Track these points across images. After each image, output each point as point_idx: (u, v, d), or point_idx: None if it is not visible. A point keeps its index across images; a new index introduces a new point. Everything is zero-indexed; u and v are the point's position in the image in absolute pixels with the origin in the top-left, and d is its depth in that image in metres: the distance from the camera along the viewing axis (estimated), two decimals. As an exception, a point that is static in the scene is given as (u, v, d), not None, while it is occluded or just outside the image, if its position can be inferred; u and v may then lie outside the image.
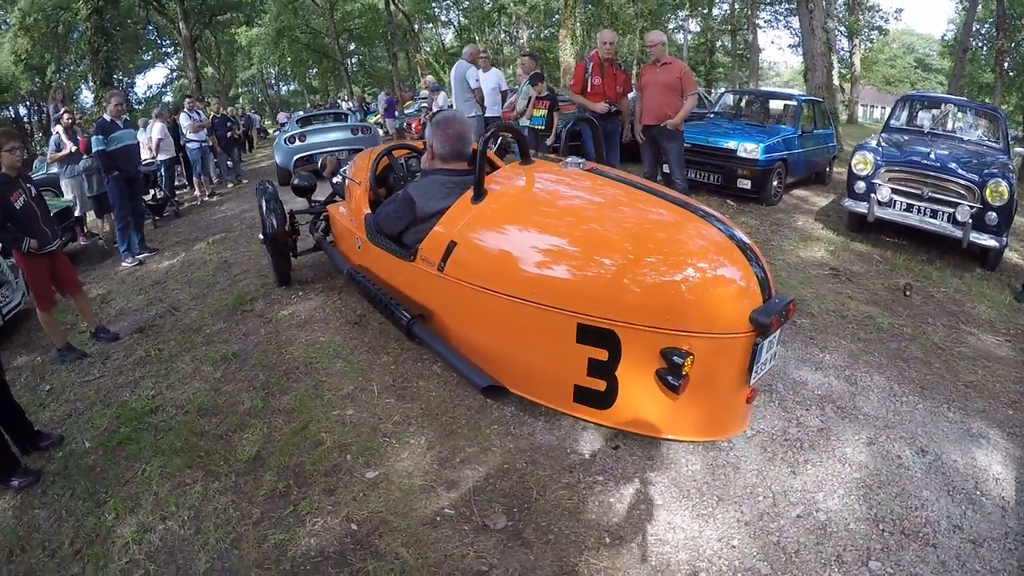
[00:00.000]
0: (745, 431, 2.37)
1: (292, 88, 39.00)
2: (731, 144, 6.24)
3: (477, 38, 28.18)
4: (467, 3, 28.78)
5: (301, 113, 13.48)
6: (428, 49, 31.08)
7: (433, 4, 29.58)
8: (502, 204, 2.42)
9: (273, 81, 39.22)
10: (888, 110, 7.21)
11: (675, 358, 1.88)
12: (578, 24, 21.59)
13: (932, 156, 4.71)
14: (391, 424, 2.60)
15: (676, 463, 2.27)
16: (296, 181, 4.21)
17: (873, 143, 5.32)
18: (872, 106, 36.12)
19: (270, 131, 24.83)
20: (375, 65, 34.03)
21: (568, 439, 2.42)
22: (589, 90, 5.60)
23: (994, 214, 4.33)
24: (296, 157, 8.60)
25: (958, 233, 4.46)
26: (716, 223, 2.13)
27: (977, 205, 4.39)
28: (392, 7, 26.19)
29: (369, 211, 3.13)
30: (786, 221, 6.02)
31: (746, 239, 2.11)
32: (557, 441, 2.41)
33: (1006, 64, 14.45)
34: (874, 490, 2.19)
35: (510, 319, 2.24)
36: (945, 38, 26.77)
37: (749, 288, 1.93)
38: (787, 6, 24.94)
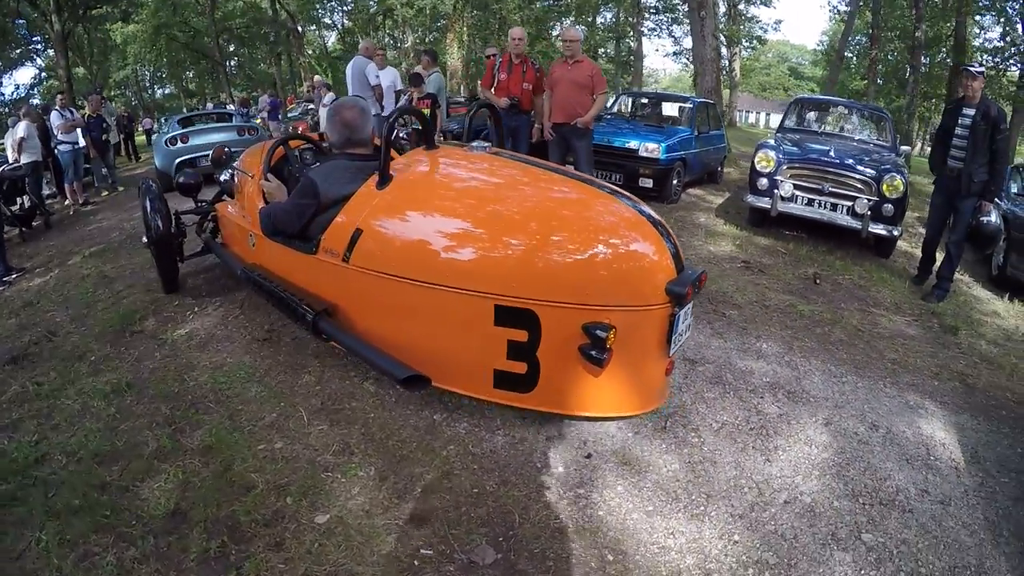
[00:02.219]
0: (664, 405, 2.43)
1: (168, 91, 37.20)
2: (633, 144, 6.51)
3: (361, 41, 28.78)
4: (352, 5, 28.99)
5: (179, 114, 12.71)
6: (311, 52, 31.20)
7: (317, 5, 29.59)
8: (409, 189, 2.42)
9: (148, 84, 37.18)
10: (763, 115, 7.95)
11: (598, 332, 1.94)
12: (465, 28, 22.25)
13: (832, 153, 5.26)
14: (330, 455, 2.33)
15: (654, 465, 2.25)
16: (181, 179, 4.18)
17: (772, 142, 5.81)
18: (748, 111, 40.41)
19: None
20: (255, 67, 33.56)
21: (535, 453, 2.30)
22: (496, 85, 5.72)
23: (890, 206, 4.87)
24: (178, 160, 8.17)
25: (857, 224, 4.96)
26: (624, 199, 2.23)
27: (874, 198, 4.92)
28: (276, 6, 25.93)
29: (263, 204, 2.99)
30: (689, 218, 6.39)
31: (655, 215, 2.20)
32: (524, 457, 2.28)
33: (877, 72, 16.81)
34: (844, 468, 2.31)
35: (424, 306, 2.24)
36: (818, 48, 30.42)
37: (663, 261, 2.03)
38: (670, 15, 27.09)
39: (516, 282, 2.03)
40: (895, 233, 5.01)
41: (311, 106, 12.28)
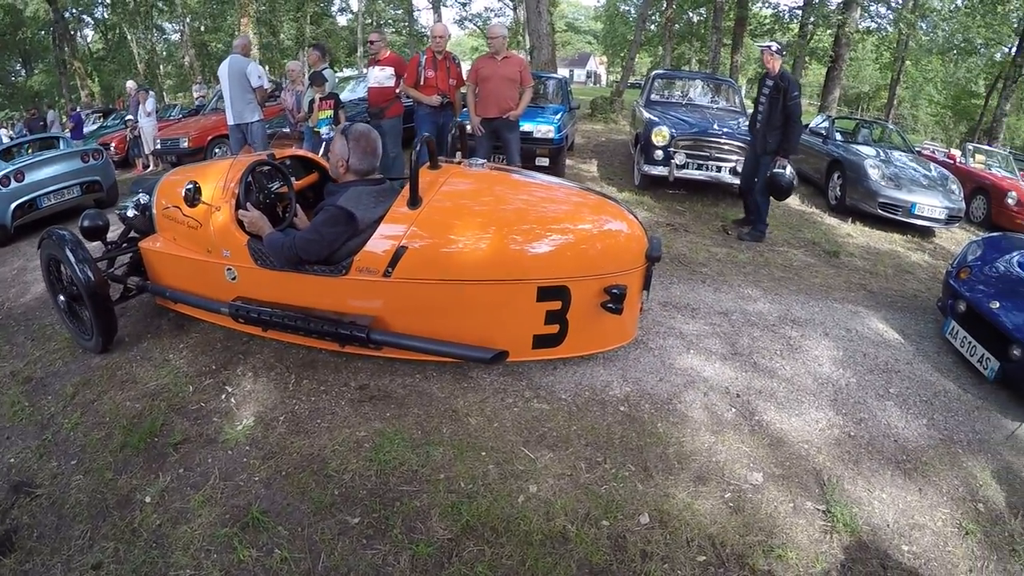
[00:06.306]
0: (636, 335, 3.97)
1: None
2: (528, 126, 7.96)
3: (130, 36, 27.68)
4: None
5: None
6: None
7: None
8: (441, 206, 3.21)
9: None
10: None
11: (616, 291, 3.21)
12: (254, 12, 22.15)
13: (716, 126, 7.38)
14: (585, 474, 2.94)
15: (772, 388, 3.91)
16: (87, 223, 4.12)
17: (656, 117, 7.81)
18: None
19: None
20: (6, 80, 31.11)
21: (712, 408, 3.67)
22: (422, 83, 6.63)
23: (760, 164, 7.18)
24: (15, 204, 7.17)
25: (737, 180, 7.18)
26: (598, 194, 3.62)
27: (749, 159, 7.18)
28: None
29: (251, 237, 3.48)
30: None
31: (619, 201, 3.71)
32: (709, 411, 3.60)
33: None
34: (852, 356, 4.19)
35: (475, 298, 3.21)
36: (598, 7, 38.33)
37: (640, 234, 3.42)
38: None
39: (554, 266, 3.17)
40: (762, 184, 7.40)
41: (129, 117, 11.45)
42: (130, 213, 4.23)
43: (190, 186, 3.49)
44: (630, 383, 3.68)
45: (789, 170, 6.21)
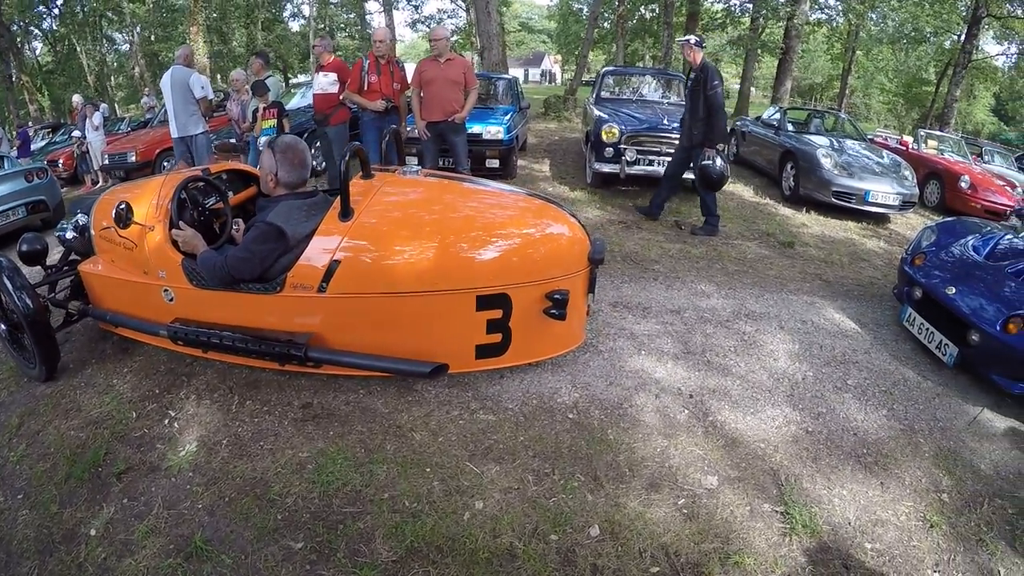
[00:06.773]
0: (586, 338, 3.93)
1: None
2: (477, 128, 7.86)
3: (79, 48, 27.83)
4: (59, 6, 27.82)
5: None
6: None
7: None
8: (375, 218, 3.13)
9: None
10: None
11: (558, 296, 3.16)
12: (204, 20, 22.08)
13: (665, 121, 7.31)
14: (533, 487, 2.84)
15: (725, 387, 3.78)
16: (24, 247, 4.05)
17: (605, 114, 7.73)
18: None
19: None
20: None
21: (669, 410, 3.55)
22: (366, 88, 6.46)
23: (716, 157, 7.13)
24: None
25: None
26: (540, 198, 3.54)
27: (701, 152, 7.13)
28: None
29: (185, 256, 3.37)
30: (541, 189, 8.06)
31: (562, 204, 3.61)
32: (662, 414, 3.45)
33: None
34: (810, 349, 4.14)
35: (412, 310, 3.13)
36: (551, 5, 39.02)
37: (581, 236, 3.35)
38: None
39: (492, 275, 3.10)
40: (716, 176, 7.36)
41: (77, 132, 11.16)
42: (69, 235, 4.15)
43: (122, 206, 3.46)
44: (579, 389, 3.56)
45: (719, 161, 6.12)
